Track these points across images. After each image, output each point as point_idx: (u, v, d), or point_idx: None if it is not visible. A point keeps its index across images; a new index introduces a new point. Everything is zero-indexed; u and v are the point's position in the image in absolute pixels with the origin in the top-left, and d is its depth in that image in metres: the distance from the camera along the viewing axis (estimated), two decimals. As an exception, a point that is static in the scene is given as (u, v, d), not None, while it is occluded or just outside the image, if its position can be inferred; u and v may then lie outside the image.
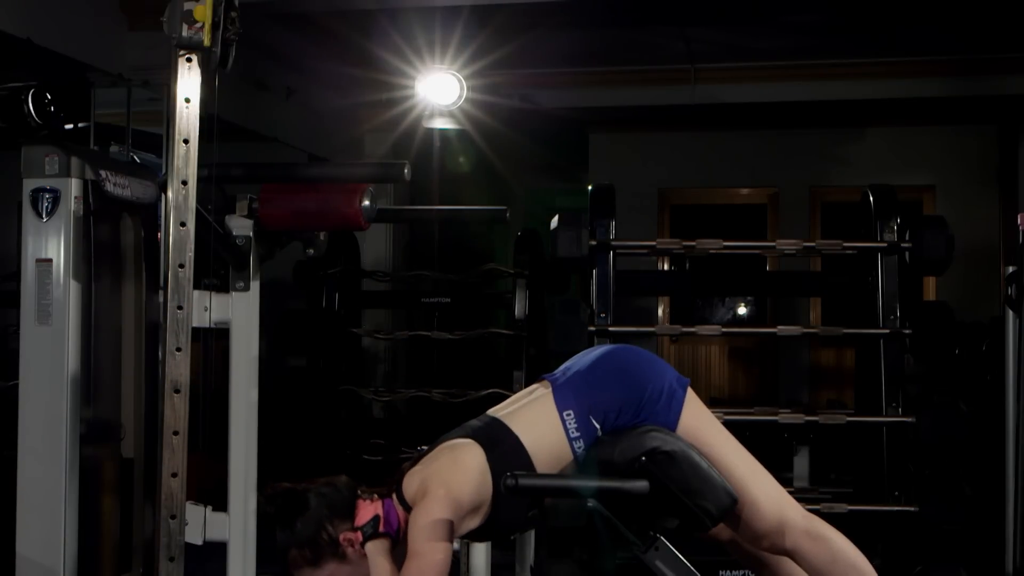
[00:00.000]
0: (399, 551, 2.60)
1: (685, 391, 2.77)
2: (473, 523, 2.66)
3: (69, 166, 3.43)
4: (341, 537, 2.62)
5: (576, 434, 2.71)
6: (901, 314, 4.97)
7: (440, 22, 6.77)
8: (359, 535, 2.62)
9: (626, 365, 2.78)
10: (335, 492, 2.67)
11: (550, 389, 2.77)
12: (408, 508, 2.62)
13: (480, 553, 3.19)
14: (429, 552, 2.51)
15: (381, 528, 2.61)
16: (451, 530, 2.56)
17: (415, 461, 2.70)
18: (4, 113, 5.54)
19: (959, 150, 9.05)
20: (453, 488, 2.59)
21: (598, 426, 2.72)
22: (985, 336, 6.37)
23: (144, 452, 3.68)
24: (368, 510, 2.64)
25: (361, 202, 3.69)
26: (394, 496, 2.66)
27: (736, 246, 5.61)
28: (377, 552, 2.60)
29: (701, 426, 2.75)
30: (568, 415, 2.71)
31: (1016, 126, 8.63)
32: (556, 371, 2.84)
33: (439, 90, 7.32)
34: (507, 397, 2.94)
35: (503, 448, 2.67)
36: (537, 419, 2.73)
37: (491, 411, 2.81)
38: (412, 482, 2.64)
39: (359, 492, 2.69)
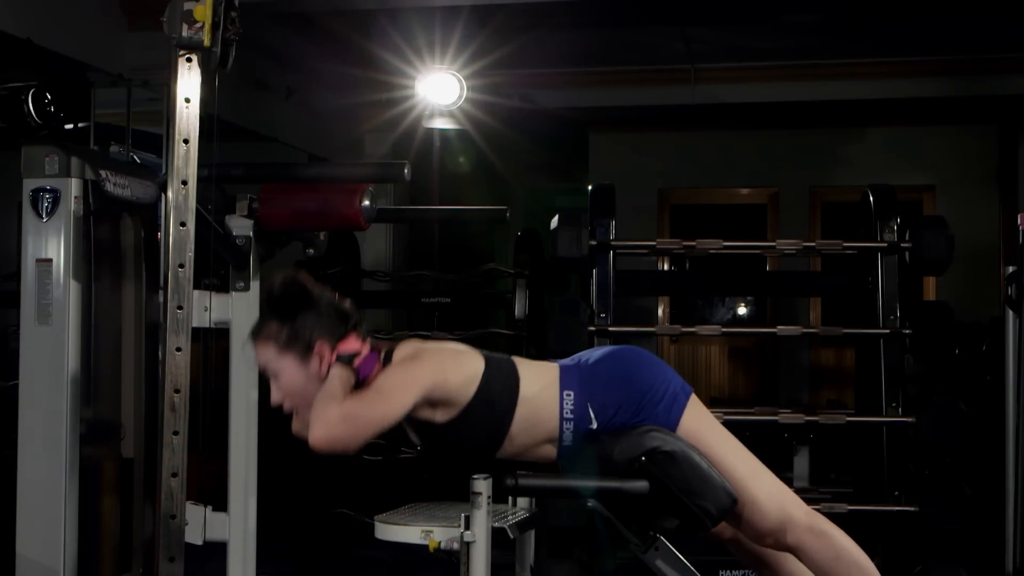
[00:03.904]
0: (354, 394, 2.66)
1: (688, 397, 2.77)
2: (436, 415, 2.69)
3: (69, 166, 3.43)
4: (318, 345, 2.68)
5: (569, 415, 2.72)
6: (901, 314, 4.97)
7: (440, 22, 6.77)
8: (333, 355, 2.68)
9: (629, 366, 2.79)
10: (339, 314, 2.74)
11: (558, 367, 2.80)
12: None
13: (480, 553, 3.19)
14: (390, 394, 2.59)
15: (355, 364, 2.68)
16: (420, 394, 2.62)
17: (418, 338, 2.77)
18: (4, 113, 5.54)
19: (959, 150, 9.05)
20: (443, 368, 2.66)
21: (593, 416, 2.72)
22: (985, 336, 6.37)
23: (144, 452, 3.68)
24: (354, 345, 2.72)
25: (361, 202, 3.70)
26: (382, 354, 2.72)
27: (736, 246, 5.61)
28: (338, 375, 2.65)
29: (701, 427, 2.76)
30: (568, 395, 2.73)
31: (1016, 126, 8.63)
32: (563, 360, 2.87)
33: (439, 90, 7.32)
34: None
35: (501, 378, 2.72)
36: (541, 379, 2.76)
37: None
38: (406, 348, 2.72)
39: (357, 328, 2.74)
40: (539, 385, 2.75)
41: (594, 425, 2.72)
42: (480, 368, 2.71)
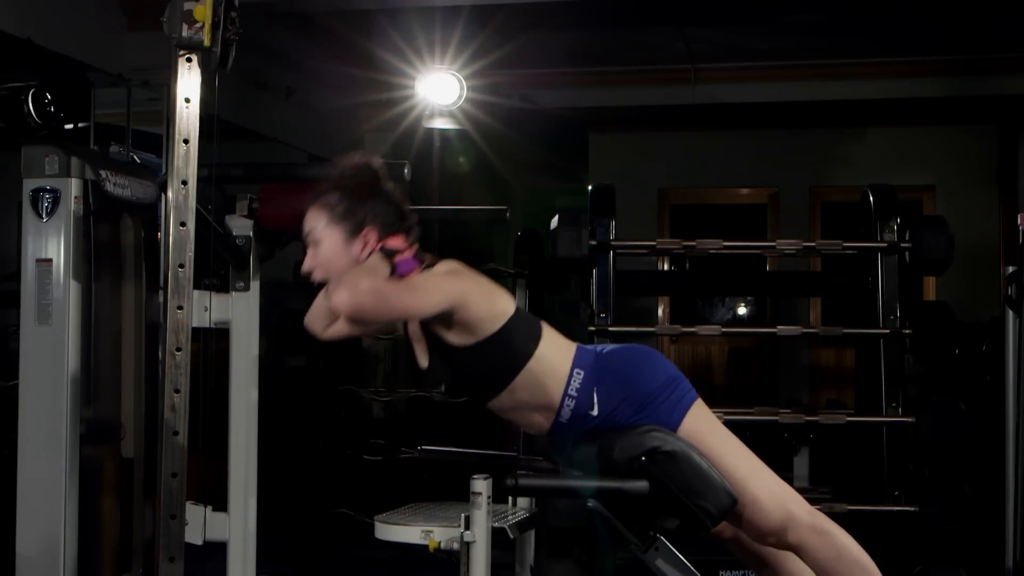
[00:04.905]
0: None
1: (693, 400, 2.77)
2: (451, 336, 2.70)
3: (69, 166, 3.43)
4: (367, 230, 2.74)
5: (574, 393, 2.73)
6: (901, 314, 4.97)
7: (440, 22, 6.77)
8: (378, 245, 2.73)
9: (640, 363, 2.79)
10: (399, 213, 2.79)
11: (576, 346, 2.82)
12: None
13: (480, 553, 3.19)
14: (421, 291, 2.63)
15: (396, 259, 2.73)
16: (448, 304, 2.63)
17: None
18: (4, 113, 5.54)
19: (959, 150, 9.05)
20: (478, 292, 2.69)
21: (596, 402, 2.72)
22: (985, 336, 6.37)
23: (144, 452, 3.68)
24: (401, 244, 2.76)
25: (361, 202, 3.69)
26: (424, 263, 2.76)
27: (736, 246, 5.61)
28: (377, 262, 2.70)
29: (703, 428, 2.75)
30: (578, 373, 2.74)
31: (1016, 126, 8.63)
32: (582, 344, 2.89)
33: (439, 90, 7.32)
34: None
35: (525, 328, 2.75)
36: (559, 348, 2.78)
37: None
38: (449, 264, 2.76)
39: (410, 232, 2.79)
40: (556, 352, 2.76)
41: (595, 411, 2.72)
42: (510, 310, 2.73)
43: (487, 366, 2.72)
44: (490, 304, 2.71)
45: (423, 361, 2.82)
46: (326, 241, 2.76)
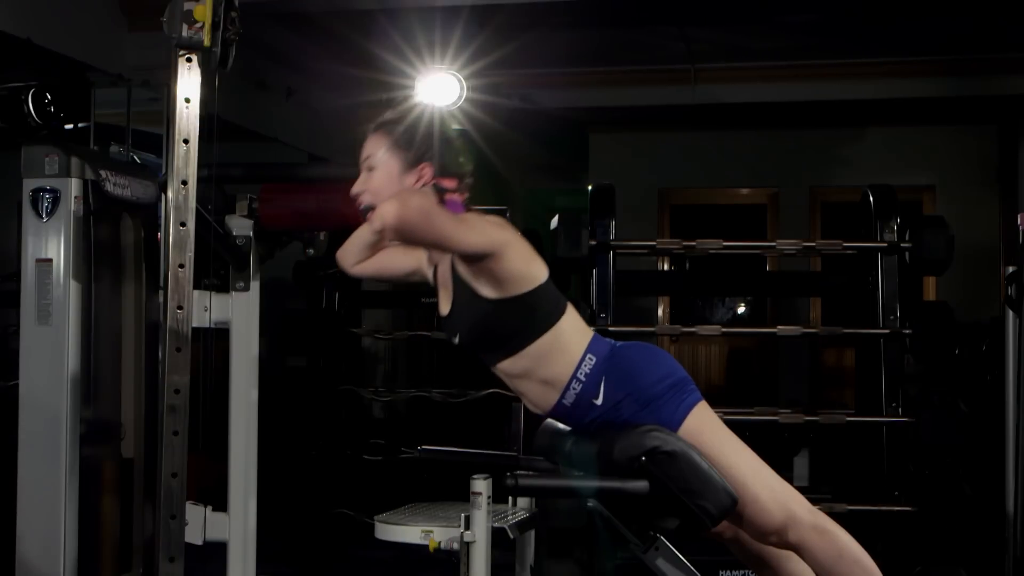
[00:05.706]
0: None
1: (697, 402, 2.76)
2: (480, 286, 2.69)
3: (69, 166, 3.43)
4: (425, 164, 2.76)
5: (582, 378, 2.72)
6: (901, 314, 4.97)
7: (440, 22, 6.76)
8: (432, 181, 2.76)
9: (649, 361, 2.79)
10: (459, 160, 2.83)
11: (594, 332, 2.82)
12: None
13: (480, 553, 3.19)
14: (466, 225, 2.61)
15: (446, 197, 2.75)
16: (488, 247, 2.62)
17: None
18: (4, 113, 5.55)
19: (959, 150, 9.05)
20: (519, 247, 2.68)
21: (602, 392, 2.72)
22: (985, 336, 6.37)
23: (144, 452, 3.68)
24: (453, 185, 2.79)
25: (361, 202, 3.69)
26: (473, 210, 2.79)
27: (736, 246, 5.61)
28: (429, 192, 2.73)
29: (704, 428, 2.75)
30: (590, 359, 2.74)
31: (1016, 126, 8.63)
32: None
33: (439, 90, 7.31)
34: (508, 398, 2.95)
35: (553, 299, 2.75)
36: (578, 330, 2.77)
37: None
38: (496, 218, 2.74)
39: (463, 179, 2.82)
40: (575, 332, 2.76)
41: (599, 400, 2.72)
42: (542, 277, 2.73)
43: (508, 324, 2.71)
44: (526, 264, 2.70)
45: (444, 308, 2.82)
46: (382, 168, 2.78)
